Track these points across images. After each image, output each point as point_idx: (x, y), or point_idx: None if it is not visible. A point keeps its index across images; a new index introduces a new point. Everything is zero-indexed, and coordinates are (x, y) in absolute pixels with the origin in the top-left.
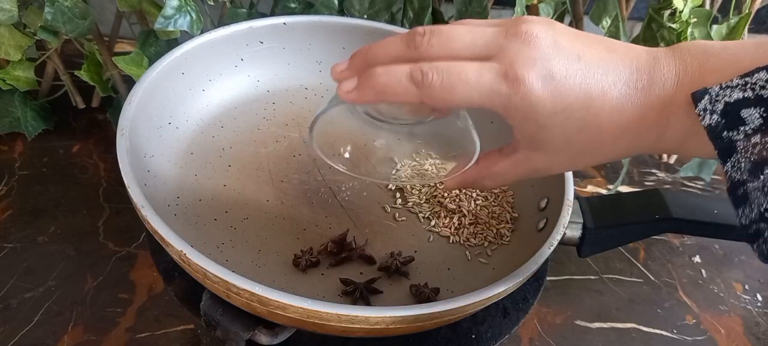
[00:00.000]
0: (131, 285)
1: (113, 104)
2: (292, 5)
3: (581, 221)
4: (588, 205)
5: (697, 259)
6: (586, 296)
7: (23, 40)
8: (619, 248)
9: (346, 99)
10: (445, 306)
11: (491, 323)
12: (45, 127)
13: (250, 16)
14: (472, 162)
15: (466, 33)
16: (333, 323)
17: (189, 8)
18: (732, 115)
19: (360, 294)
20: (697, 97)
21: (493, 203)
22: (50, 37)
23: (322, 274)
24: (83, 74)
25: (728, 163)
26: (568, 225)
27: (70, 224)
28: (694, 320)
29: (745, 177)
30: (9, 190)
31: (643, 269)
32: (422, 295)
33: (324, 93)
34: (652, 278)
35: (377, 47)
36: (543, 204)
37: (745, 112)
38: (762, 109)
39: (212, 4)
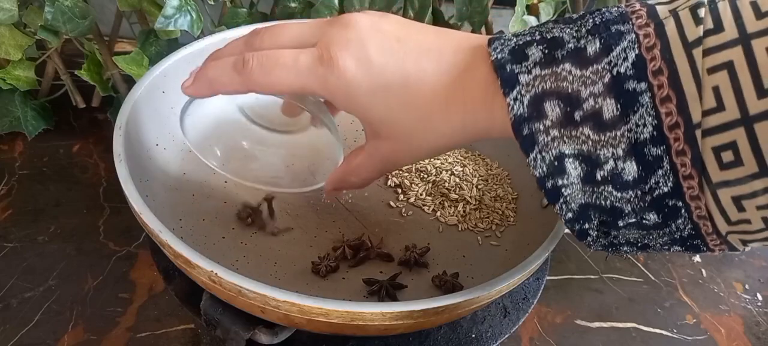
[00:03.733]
0: (131, 285)
1: (114, 104)
2: (293, 5)
3: None
4: None
5: (697, 258)
6: (586, 296)
7: (23, 39)
8: None
9: (185, 92)
10: (493, 287)
11: (491, 323)
12: (45, 126)
13: (251, 16)
14: (339, 162)
15: (296, 26)
16: (376, 323)
17: (189, 8)
18: (519, 53)
19: (386, 291)
20: (493, 45)
21: (494, 186)
22: (50, 37)
23: (344, 278)
24: (83, 74)
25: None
26: None
27: (70, 223)
28: (694, 320)
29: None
30: (9, 189)
31: (643, 268)
32: (446, 283)
33: None
34: (652, 278)
35: (223, 48)
36: None
37: (529, 50)
38: (544, 46)
39: (212, 3)
